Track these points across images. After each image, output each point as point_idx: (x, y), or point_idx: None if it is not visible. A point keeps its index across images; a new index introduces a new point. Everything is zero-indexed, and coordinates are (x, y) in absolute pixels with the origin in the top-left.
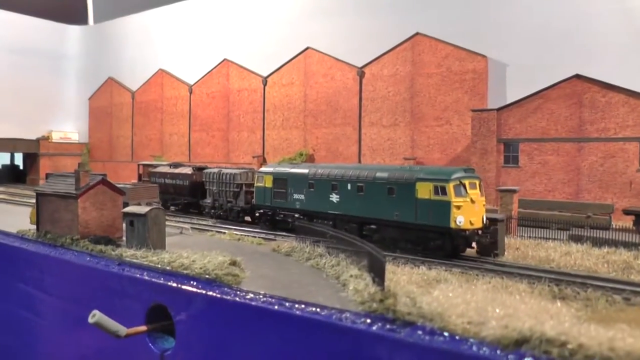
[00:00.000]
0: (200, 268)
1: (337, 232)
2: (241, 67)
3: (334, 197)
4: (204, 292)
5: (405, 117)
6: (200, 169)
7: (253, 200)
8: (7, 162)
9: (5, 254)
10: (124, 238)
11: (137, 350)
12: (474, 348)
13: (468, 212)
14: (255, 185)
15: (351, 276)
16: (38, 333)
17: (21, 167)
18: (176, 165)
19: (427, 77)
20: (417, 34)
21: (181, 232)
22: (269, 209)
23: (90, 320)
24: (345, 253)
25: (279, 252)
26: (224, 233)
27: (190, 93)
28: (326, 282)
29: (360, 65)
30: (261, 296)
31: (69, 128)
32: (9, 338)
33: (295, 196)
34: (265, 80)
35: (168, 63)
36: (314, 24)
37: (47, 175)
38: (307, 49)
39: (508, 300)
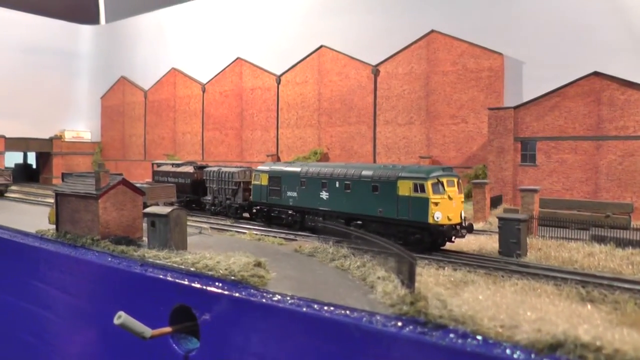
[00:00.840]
0: (225, 269)
1: (362, 234)
2: (254, 65)
3: (324, 195)
4: (230, 293)
5: (420, 116)
6: (201, 168)
7: (250, 197)
8: (20, 160)
9: (25, 254)
10: (144, 238)
11: (161, 352)
12: (508, 352)
13: (445, 209)
14: (252, 183)
15: (378, 278)
16: (60, 333)
17: (34, 166)
18: (179, 164)
19: (443, 75)
20: (432, 31)
21: (200, 232)
22: (265, 206)
23: (116, 321)
24: (370, 254)
25: (301, 252)
26: (244, 233)
27: (203, 92)
28: (353, 283)
29: (374, 63)
30: (289, 298)
31: (82, 127)
32: (31, 338)
33: (289, 193)
34: (279, 79)
35: (181, 62)
36: (328, 22)
37: (64, 175)
38: (321, 47)
39: (538, 303)
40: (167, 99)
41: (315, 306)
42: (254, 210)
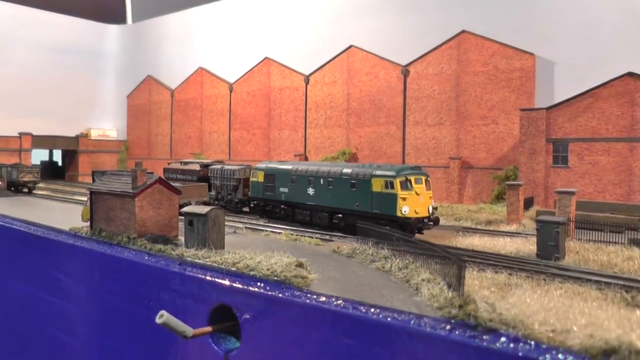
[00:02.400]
0: (267, 269)
1: (404, 235)
2: (283, 65)
3: (310, 191)
4: (273, 294)
5: (450, 116)
6: (206, 166)
7: (249, 192)
8: (46, 158)
9: (59, 251)
10: (180, 237)
11: (201, 351)
12: (560, 357)
13: (413, 203)
14: (250, 179)
15: (423, 280)
16: (95, 332)
17: (60, 164)
18: (187, 162)
19: (473, 75)
20: (463, 31)
21: (235, 232)
22: (261, 201)
23: (158, 320)
24: (411, 256)
25: (340, 253)
26: (279, 233)
27: (231, 91)
28: (396, 285)
29: (404, 63)
30: (334, 299)
31: (108, 125)
32: (65, 336)
33: (281, 189)
34: (307, 79)
35: (208, 61)
36: (358, 21)
37: (94, 173)
38: (350, 47)
39: (585, 308)
40: (194, 98)
41: (362, 308)
42: (252, 205)
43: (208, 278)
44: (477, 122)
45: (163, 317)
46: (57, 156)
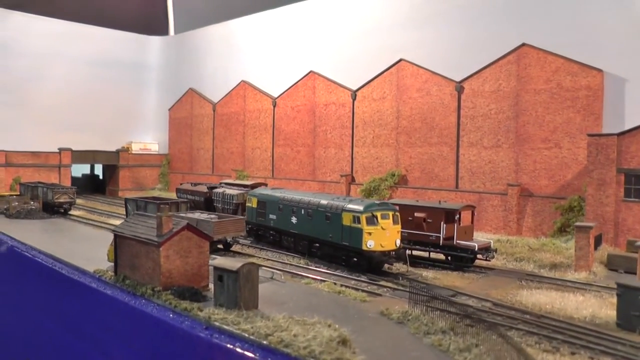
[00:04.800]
0: (305, 348)
1: (465, 306)
2: (328, 79)
3: (294, 219)
4: None
5: (508, 138)
6: (212, 188)
7: (246, 217)
8: (87, 171)
9: (82, 294)
10: (211, 285)
11: None
12: None
13: (378, 238)
14: (247, 205)
15: None
16: None
17: (101, 177)
18: (196, 184)
19: (534, 93)
20: (523, 45)
21: (272, 278)
22: (254, 225)
23: None
24: (474, 336)
25: (389, 317)
26: (322, 282)
27: (274, 106)
28: None
29: (458, 79)
30: None
31: (149, 139)
32: None
33: (270, 216)
34: (354, 94)
35: (251, 75)
36: (408, 34)
37: (126, 201)
38: (400, 61)
39: None
40: (236, 112)
41: None
42: (247, 229)
43: (237, 350)
44: (538, 145)
45: None
46: (99, 169)
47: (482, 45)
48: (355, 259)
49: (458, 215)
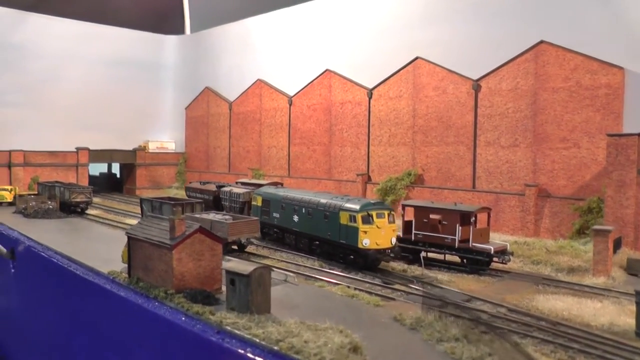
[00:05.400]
0: (315, 355)
1: (480, 312)
2: (344, 78)
3: (295, 217)
4: None
5: (526, 138)
6: (221, 187)
7: (252, 214)
8: (105, 170)
9: (97, 295)
10: (223, 287)
11: None
12: None
13: (374, 236)
14: (252, 203)
15: None
16: None
17: (118, 175)
18: (204, 183)
19: (553, 92)
20: (541, 42)
21: (286, 280)
22: (260, 223)
23: None
24: (487, 344)
25: (402, 323)
26: (335, 285)
27: (290, 105)
28: None
29: (475, 77)
30: None
31: (166, 138)
32: None
33: (274, 214)
34: (370, 93)
35: (266, 73)
36: (424, 32)
37: (141, 201)
38: (416, 59)
39: None
40: (252, 111)
41: None
42: None
43: (248, 355)
44: (556, 145)
45: None
46: (116, 168)
47: (499, 42)
48: (352, 257)
49: (474, 218)
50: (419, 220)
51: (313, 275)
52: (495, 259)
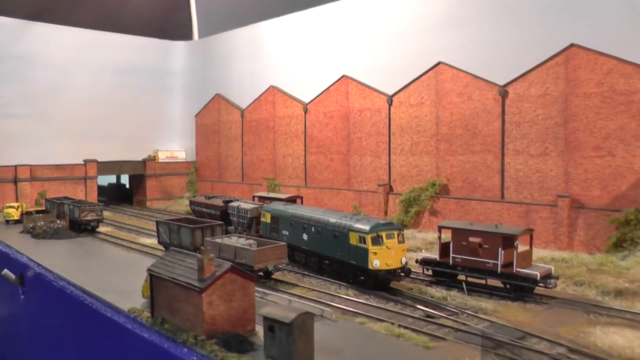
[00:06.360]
0: None
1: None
2: (362, 84)
3: (305, 236)
4: None
5: (557, 146)
6: (228, 202)
7: (260, 231)
8: (113, 180)
9: (116, 333)
10: (258, 329)
11: None
12: None
13: (384, 257)
14: (261, 220)
15: None
16: None
17: (127, 186)
18: (210, 197)
19: (585, 97)
20: (571, 45)
21: (322, 316)
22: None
23: None
24: None
25: None
26: (378, 321)
27: (305, 112)
28: None
29: (502, 83)
30: None
31: (175, 146)
32: None
33: (283, 232)
34: (390, 100)
35: (280, 79)
36: (447, 36)
37: (158, 224)
38: (438, 64)
39: None
40: (265, 118)
41: None
42: None
43: None
44: (589, 153)
45: None
46: (125, 177)
47: (527, 46)
48: (362, 277)
49: (517, 241)
50: (457, 243)
51: (349, 309)
52: (540, 284)
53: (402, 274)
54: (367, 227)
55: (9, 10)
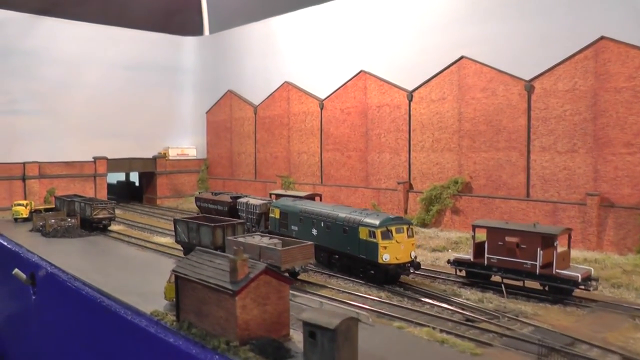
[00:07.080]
0: None
1: None
2: (381, 79)
3: (314, 231)
4: None
5: (586, 142)
6: (236, 198)
7: (269, 226)
8: (122, 177)
9: (139, 337)
10: (293, 334)
11: None
12: None
13: (393, 251)
14: (270, 215)
15: None
16: None
17: (137, 184)
18: (216, 193)
19: (615, 92)
20: (601, 38)
21: (358, 320)
22: (277, 235)
23: None
24: None
25: None
26: (419, 326)
27: (321, 108)
28: None
29: (528, 77)
30: None
31: (186, 143)
32: None
33: (292, 227)
34: (410, 95)
35: (294, 75)
36: (470, 29)
37: (175, 222)
38: (461, 58)
39: None
40: (279, 115)
41: None
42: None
43: None
44: (619, 150)
45: None
46: (134, 175)
47: (554, 39)
48: (372, 272)
49: (557, 241)
50: (492, 243)
51: (384, 312)
52: (581, 286)
53: (412, 268)
54: (376, 222)
55: (17, 5)
